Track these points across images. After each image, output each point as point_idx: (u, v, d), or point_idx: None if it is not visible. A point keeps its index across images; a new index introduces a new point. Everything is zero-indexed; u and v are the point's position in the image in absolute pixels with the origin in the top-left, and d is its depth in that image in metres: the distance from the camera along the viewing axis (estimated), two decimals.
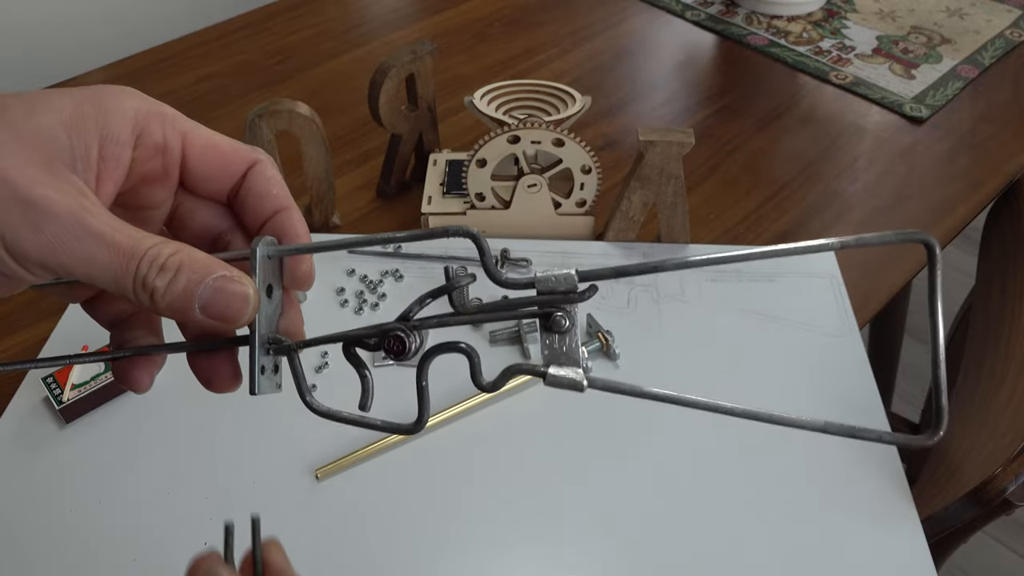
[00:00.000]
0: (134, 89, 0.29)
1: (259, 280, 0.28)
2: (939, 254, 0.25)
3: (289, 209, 0.31)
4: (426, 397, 0.29)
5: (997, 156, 0.88)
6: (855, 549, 0.54)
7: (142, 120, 0.28)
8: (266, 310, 0.29)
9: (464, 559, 0.54)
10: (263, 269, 0.28)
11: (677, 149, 0.68)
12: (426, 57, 0.76)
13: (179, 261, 0.26)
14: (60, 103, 0.26)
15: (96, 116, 0.27)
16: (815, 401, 0.62)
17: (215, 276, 0.26)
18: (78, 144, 0.26)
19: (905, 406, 1.46)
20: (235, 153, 0.30)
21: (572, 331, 0.27)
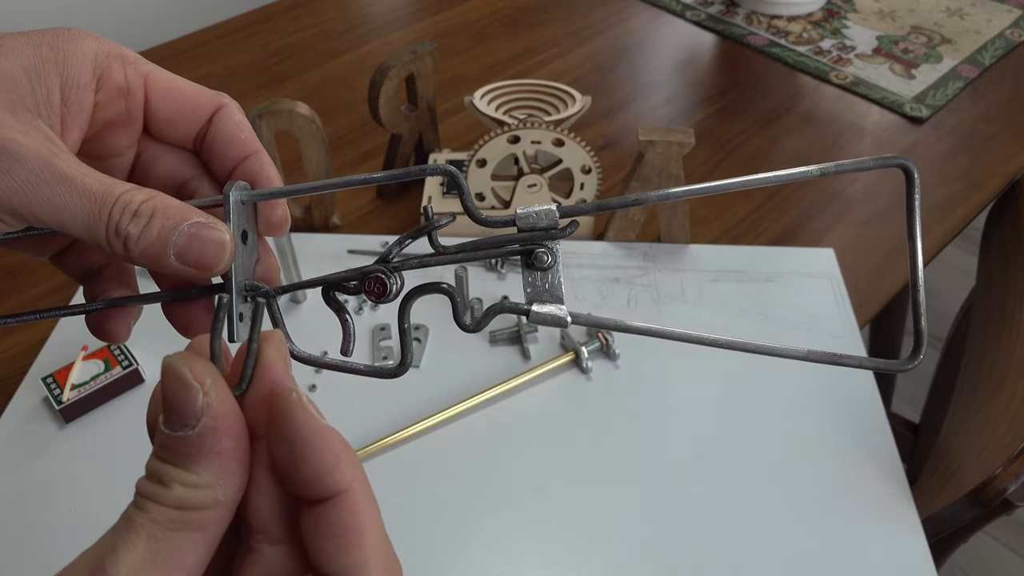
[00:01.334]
0: (92, 32, 0.28)
1: (233, 226, 0.27)
2: (917, 178, 0.25)
3: (258, 153, 0.30)
4: (408, 340, 0.28)
5: (997, 156, 0.88)
6: (855, 549, 0.54)
7: (102, 62, 0.27)
8: (242, 256, 0.28)
9: (464, 559, 0.54)
10: (237, 215, 0.27)
11: (677, 149, 0.68)
12: (426, 57, 0.76)
13: (152, 207, 0.25)
14: (17, 47, 0.26)
15: (55, 60, 0.26)
16: (815, 401, 0.62)
17: (190, 222, 0.25)
18: (39, 89, 0.26)
19: (905, 406, 1.46)
20: (200, 96, 0.30)
21: (555, 268, 0.26)
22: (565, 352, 0.65)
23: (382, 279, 0.28)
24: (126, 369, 0.62)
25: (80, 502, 0.56)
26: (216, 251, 0.26)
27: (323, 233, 0.77)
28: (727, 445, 0.60)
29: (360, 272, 0.28)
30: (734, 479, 0.58)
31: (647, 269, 0.73)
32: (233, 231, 0.27)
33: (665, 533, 0.55)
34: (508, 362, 0.65)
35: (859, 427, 0.61)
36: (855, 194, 0.83)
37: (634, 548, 0.54)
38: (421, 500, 0.56)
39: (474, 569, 0.53)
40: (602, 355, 0.65)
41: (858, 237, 0.77)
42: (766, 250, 0.75)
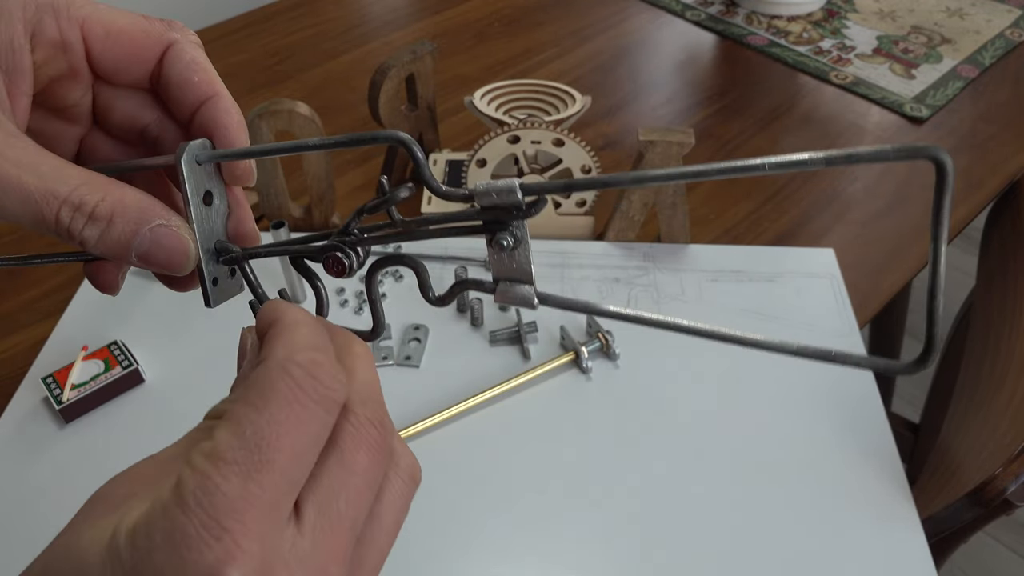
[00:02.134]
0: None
1: (191, 191, 0.26)
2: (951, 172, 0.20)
3: (215, 97, 0.28)
4: (379, 309, 0.28)
5: (997, 156, 0.88)
6: (855, 549, 0.54)
7: (32, 18, 0.25)
8: (208, 220, 0.27)
9: (464, 559, 0.54)
10: (194, 179, 0.26)
11: (677, 149, 0.68)
12: (426, 57, 0.76)
13: (110, 210, 0.24)
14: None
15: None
16: (815, 401, 0.62)
17: (151, 226, 0.24)
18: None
19: (905, 406, 1.46)
20: (145, 36, 0.27)
21: (521, 246, 0.25)
22: (565, 352, 0.65)
23: (340, 259, 0.27)
24: (126, 369, 0.62)
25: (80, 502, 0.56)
26: (179, 259, 0.25)
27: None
28: (727, 445, 0.60)
29: (320, 247, 0.27)
30: (734, 479, 0.58)
31: (647, 269, 0.73)
32: (191, 195, 0.26)
33: (665, 533, 0.55)
34: (508, 362, 0.65)
35: (859, 427, 0.61)
36: (855, 194, 0.83)
37: (634, 548, 0.54)
38: (421, 500, 0.56)
39: (474, 569, 0.53)
40: (602, 355, 0.65)
41: (858, 237, 0.77)
42: (766, 250, 0.75)
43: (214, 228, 0.27)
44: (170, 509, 0.19)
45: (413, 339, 0.66)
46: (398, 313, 0.69)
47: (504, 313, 0.69)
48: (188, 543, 0.19)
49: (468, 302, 0.68)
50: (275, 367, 0.21)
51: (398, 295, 0.71)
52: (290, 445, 0.20)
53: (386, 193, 0.26)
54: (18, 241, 0.79)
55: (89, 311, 0.70)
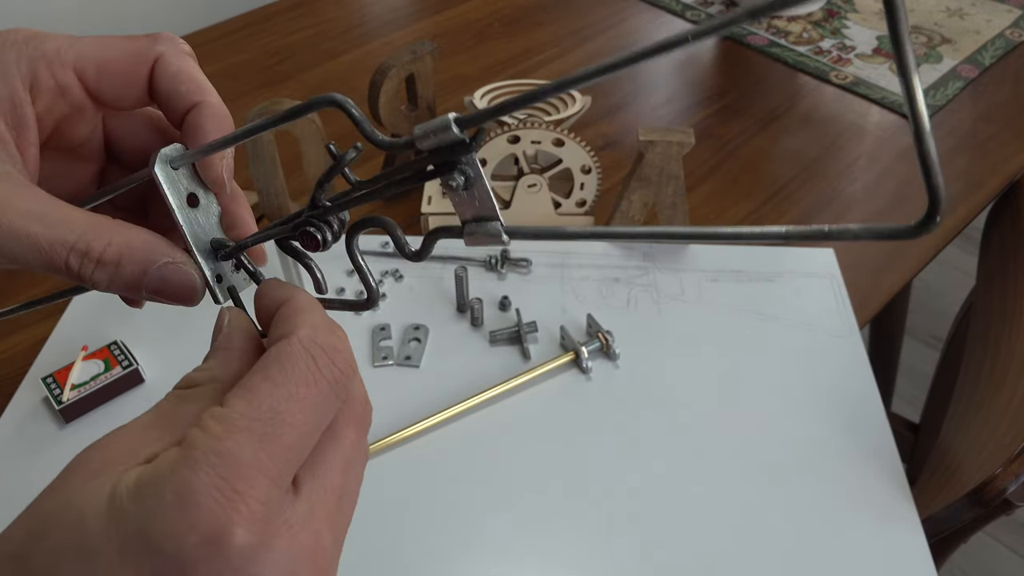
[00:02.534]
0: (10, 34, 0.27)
1: (171, 195, 0.26)
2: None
3: (200, 106, 0.28)
4: (366, 275, 0.28)
5: (997, 156, 0.88)
6: (855, 549, 0.54)
7: (26, 72, 0.26)
8: (198, 221, 0.27)
9: (464, 559, 0.54)
10: (173, 184, 0.26)
11: (677, 149, 0.68)
12: (426, 57, 0.76)
13: (117, 254, 0.25)
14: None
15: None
16: (815, 401, 0.62)
17: (159, 265, 0.25)
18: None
19: (905, 406, 1.46)
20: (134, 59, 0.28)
21: (477, 183, 0.25)
22: (565, 352, 0.65)
23: (311, 233, 0.27)
24: (126, 369, 0.62)
25: None
26: (188, 294, 0.26)
27: None
28: (727, 445, 0.60)
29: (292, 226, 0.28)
30: (734, 479, 0.58)
31: (647, 269, 0.73)
32: (173, 199, 0.26)
33: (665, 533, 0.55)
34: (508, 362, 0.65)
35: (859, 427, 0.61)
36: (855, 194, 0.83)
37: (634, 548, 0.54)
38: (420, 500, 0.56)
39: (474, 569, 0.53)
40: (602, 355, 0.65)
41: None
42: (766, 250, 0.75)
43: (206, 227, 0.28)
44: (180, 468, 0.20)
45: (413, 339, 0.66)
46: (398, 313, 0.69)
47: (504, 313, 0.69)
48: (198, 501, 0.20)
49: (468, 302, 0.68)
50: (298, 347, 0.23)
51: (398, 295, 0.71)
52: (303, 422, 0.22)
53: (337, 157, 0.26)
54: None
55: (89, 311, 0.70)
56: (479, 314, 0.67)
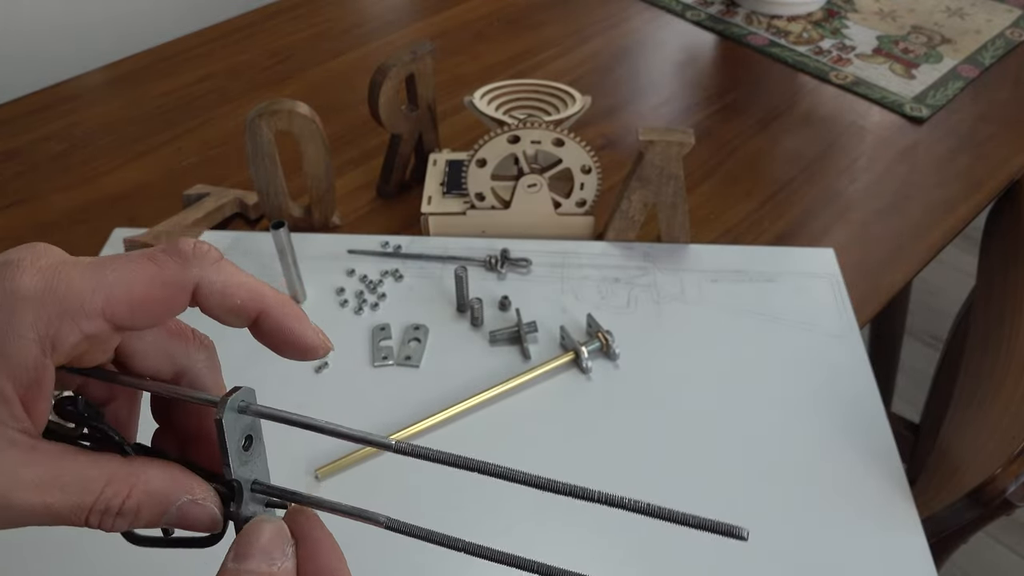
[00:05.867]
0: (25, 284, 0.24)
1: (231, 444, 0.26)
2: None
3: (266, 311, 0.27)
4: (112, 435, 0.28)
5: (997, 156, 0.88)
6: (855, 549, 0.54)
7: (48, 335, 0.24)
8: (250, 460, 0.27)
9: (463, 558, 0.54)
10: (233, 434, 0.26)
11: (677, 149, 0.68)
12: (426, 57, 0.76)
13: (137, 504, 0.25)
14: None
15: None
16: (815, 401, 0.62)
17: (179, 504, 0.25)
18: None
19: (905, 406, 1.46)
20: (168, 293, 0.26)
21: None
22: (565, 352, 0.65)
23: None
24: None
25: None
26: (209, 525, 0.26)
27: (323, 233, 0.77)
28: (727, 445, 0.60)
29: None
30: (734, 479, 0.58)
31: (647, 269, 0.73)
32: (231, 448, 0.26)
33: (664, 533, 0.55)
34: (508, 362, 0.65)
35: (859, 427, 0.61)
36: (855, 194, 0.83)
37: (633, 549, 0.54)
38: (419, 501, 0.56)
39: (474, 569, 0.53)
40: (602, 355, 0.65)
41: (858, 237, 0.77)
42: (766, 250, 0.75)
43: (257, 470, 0.28)
44: None
45: (413, 339, 0.66)
46: (398, 313, 0.69)
47: (504, 313, 0.69)
48: None
49: (468, 302, 0.68)
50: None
51: (398, 295, 0.71)
52: None
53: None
54: None
55: None
56: (479, 314, 0.67)
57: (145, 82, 0.99)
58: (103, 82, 1.00)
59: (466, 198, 0.74)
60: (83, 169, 0.87)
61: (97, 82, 1.00)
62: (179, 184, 0.83)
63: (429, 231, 0.76)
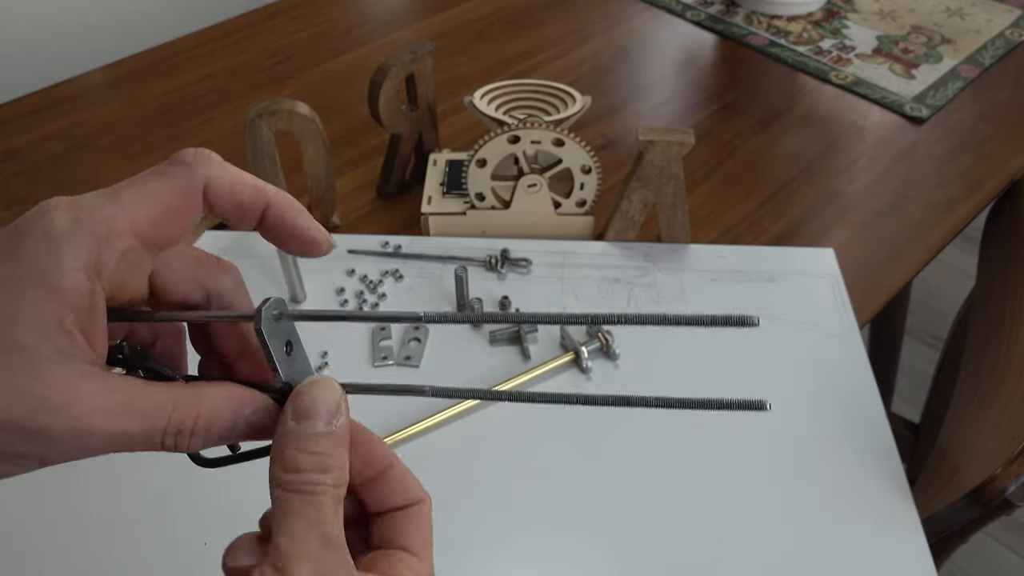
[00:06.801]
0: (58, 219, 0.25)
1: (274, 349, 0.27)
2: None
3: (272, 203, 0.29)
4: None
5: (997, 156, 0.88)
6: (855, 549, 0.54)
7: (91, 263, 0.25)
8: (293, 367, 0.28)
9: (463, 560, 0.54)
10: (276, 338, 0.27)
11: (677, 149, 0.68)
12: (426, 57, 0.76)
13: (208, 422, 0.27)
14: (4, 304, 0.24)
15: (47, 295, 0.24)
16: (815, 401, 0.62)
17: (244, 418, 0.27)
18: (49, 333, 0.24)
19: (905, 406, 1.46)
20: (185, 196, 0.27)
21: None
22: (565, 352, 0.65)
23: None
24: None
25: (80, 502, 0.56)
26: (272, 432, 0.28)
27: None
28: (726, 445, 0.60)
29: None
30: (733, 479, 0.58)
31: (647, 269, 0.73)
32: (276, 349, 0.27)
33: (664, 532, 0.55)
34: (508, 362, 0.65)
35: (859, 427, 0.61)
36: (855, 194, 0.83)
37: (633, 548, 0.54)
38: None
39: (474, 569, 0.53)
40: (602, 355, 0.65)
41: (858, 237, 0.77)
42: (766, 250, 0.75)
43: (302, 371, 0.29)
44: None
45: (413, 339, 0.66)
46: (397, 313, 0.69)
47: (504, 313, 0.69)
48: None
49: (468, 302, 0.68)
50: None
51: (398, 295, 0.71)
52: None
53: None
54: None
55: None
56: (479, 313, 0.67)
57: (145, 82, 0.99)
58: (103, 82, 1.00)
59: (466, 198, 0.74)
60: (83, 169, 0.87)
61: (97, 82, 1.00)
62: None
63: (429, 231, 0.76)
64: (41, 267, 0.25)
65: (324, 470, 0.26)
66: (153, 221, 0.27)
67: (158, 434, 0.26)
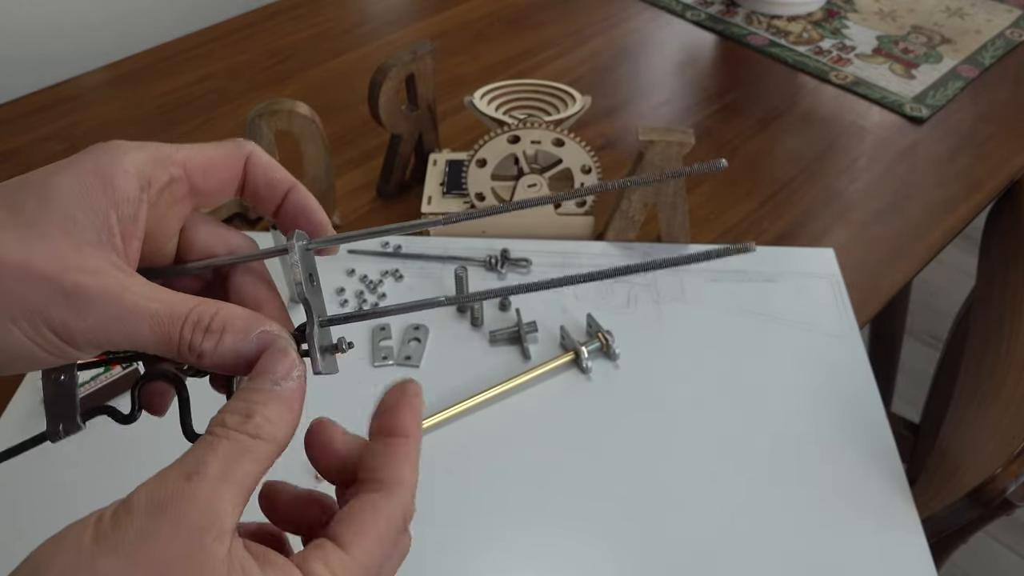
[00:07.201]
0: (124, 142, 0.30)
1: (302, 273, 0.31)
2: None
3: (295, 187, 0.33)
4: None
5: (997, 156, 0.88)
6: (855, 549, 0.54)
7: (145, 173, 0.29)
8: (312, 296, 0.31)
9: (463, 560, 0.54)
10: (304, 263, 0.31)
11: (677, 149, 0.68)
12: (426, 57, 0.76)
13: (223, 322, 0.28)
14: (65, 183, 0.28)
15: (102, 186, 0.28)
16: (815, 401, 0.62)
17: (257, 332, 0.29)
18: (95, 219, 0.28)
19: (905, 406, 1.46)
20: (232, 157, 0.32)
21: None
22: (565, 352, 0.65)
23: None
24: (126, 369, 0.62)
25: (80, 503, 0.56)
26: (285, 365, 0.28)
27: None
28: (727, 445, 0.60)
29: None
30: (734, 479, 0.58)
31: None
32: (302, 276, 0.31)
33: (664, 532, 0.55)
34: (508, 362, 0.65)
35: (859, 427, 0.61)
36: (855, 194, 0.83)
37: (633, 547, 0.54)
38: (419, 500, 0.56)
39: (474, 569, 0.53)
40: (602, 355, 0.65)
41: (858, 237, 0.77)
42: (766, 250, 0.75)
43: (318, 303, 0.32)
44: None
45: (413, 339, 0.66)
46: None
47: (504, 313, 0.69)
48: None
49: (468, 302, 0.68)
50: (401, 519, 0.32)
51: (398, 295, 0.71)
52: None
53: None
54: None
55: None
56: (479, 314, 0.67)
57: (145, 82, 0.99)
58: (103, 82, 1.00)
59: (466, 198, 0.74)
60: None
61: (97, 82, 1.00)
62: None
63: (429, 231, 0.76)
64: (102, 166, 0.28)
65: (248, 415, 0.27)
66: (202, 167, 0.31)
67: (179, 321, 0.27)
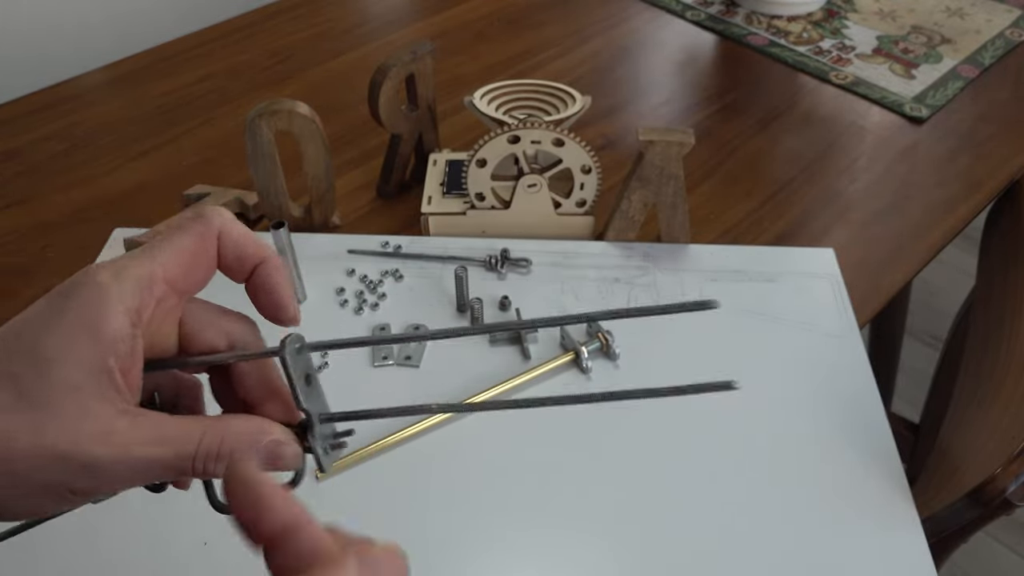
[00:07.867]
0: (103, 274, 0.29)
1: (297, 377, 0.31)
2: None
3: (264, 262, 0.33)
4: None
5: (997, 156, 0.88)
6: (855, 549, 0.54)
7: (133, 308, 0.29)
8: (312, 396, 0.32)
9: (462, 560, 0.54)
10: (297, 367, 0.31)
11: (677, 149, 0.68)
12: (426, 57, 0.76)
13: (230, 447, 0.29)
14: (55, 348, 0.28)
15: (93, 340, 0.28)
16: (815, 401, 0.62)
17: (264, 443, 0.30)
18: (93, 373, 0.28)
19: (905, 406, 1.46)
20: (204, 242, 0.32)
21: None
22: (565, 352, 0.65)
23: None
24: None
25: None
26: (293, 460, 0.30)
27: (323, 233, 0.77)
28: (727, 445, 0.60)
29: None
30: (733, 479, 0.58)
31: (647, 269, 0.73)
32: (297, 380, 0.31)
33: (664, 532, 0.55)
34: (508, 362, 0.65)
35: (859, 427, 0.61)
36: (855, 194, 0.83)
37: (633, 549, 0.54)
38: (419, 501, 0.56)
39: (474, 568, 0.53)
40: (602, 355, 0.65)
41: (858, 237, 0.77)
42: (766, 250, 0.75)
43: (320, 403, 0.32)
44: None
45: None
46: (398, 313, 0.69)
47: (504, 313, 0.69)
48: None
49: (468, 302, 0.68)
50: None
51: (398, 295, 0.71)
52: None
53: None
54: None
55: None
56: (479, 314, 0.67)
57: (145, 82, 0.99)
58: (103, 82, 1.00)
59: (466, 198, 0.74)
60: (83, 169, 0.87)
61: (97, 82, 1.00)
62: (179, 184, 0.83)
63: (429, 231, 0.76)
64: (90, 314, 0.28)
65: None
66: (182, 268, 0.31)
67: (189, 459, 0.29)
